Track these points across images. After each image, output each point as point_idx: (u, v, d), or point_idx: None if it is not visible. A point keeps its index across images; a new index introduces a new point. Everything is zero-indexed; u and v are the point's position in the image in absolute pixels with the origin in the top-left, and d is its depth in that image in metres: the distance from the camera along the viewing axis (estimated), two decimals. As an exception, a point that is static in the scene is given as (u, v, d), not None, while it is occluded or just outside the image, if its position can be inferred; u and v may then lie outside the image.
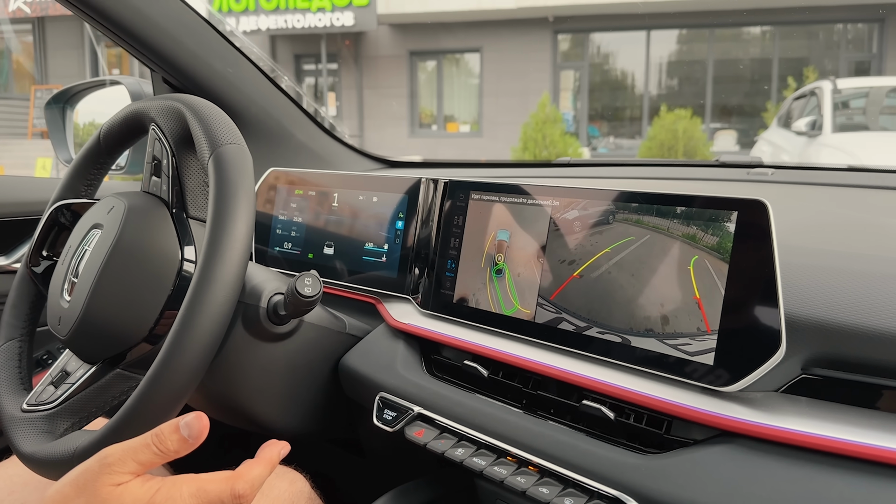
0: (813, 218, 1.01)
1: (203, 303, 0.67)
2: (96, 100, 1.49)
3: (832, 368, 0.66)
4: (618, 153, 13.32)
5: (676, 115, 10.17)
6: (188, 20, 1.23)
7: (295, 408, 0.98)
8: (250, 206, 0.72)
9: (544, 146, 9.96)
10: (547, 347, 0.82)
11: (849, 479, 0.58)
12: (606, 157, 12.09)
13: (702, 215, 0.70)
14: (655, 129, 10.27)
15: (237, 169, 0.74)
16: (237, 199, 0.72)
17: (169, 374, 0.67)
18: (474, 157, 11.46)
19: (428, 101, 14.71)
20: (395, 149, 13.83)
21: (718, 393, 0.67)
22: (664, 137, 9.93)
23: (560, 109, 11.75)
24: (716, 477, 0.62)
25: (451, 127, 14.54)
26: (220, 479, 0.60)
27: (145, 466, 0.59)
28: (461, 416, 0.83)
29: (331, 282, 1.09)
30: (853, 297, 0.66)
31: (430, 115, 14.75)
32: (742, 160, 1.43)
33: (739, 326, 0.66)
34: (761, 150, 6.82)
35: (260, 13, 13.62)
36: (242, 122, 1.39)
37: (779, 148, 6.20)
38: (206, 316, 0.67)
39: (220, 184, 0.72)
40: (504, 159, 2.12)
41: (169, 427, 0.60)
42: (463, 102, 14.61)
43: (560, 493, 0.70)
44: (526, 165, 1.63)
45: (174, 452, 0.60)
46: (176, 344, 0.67)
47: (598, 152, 13.32)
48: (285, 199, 1.18)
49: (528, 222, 0.86)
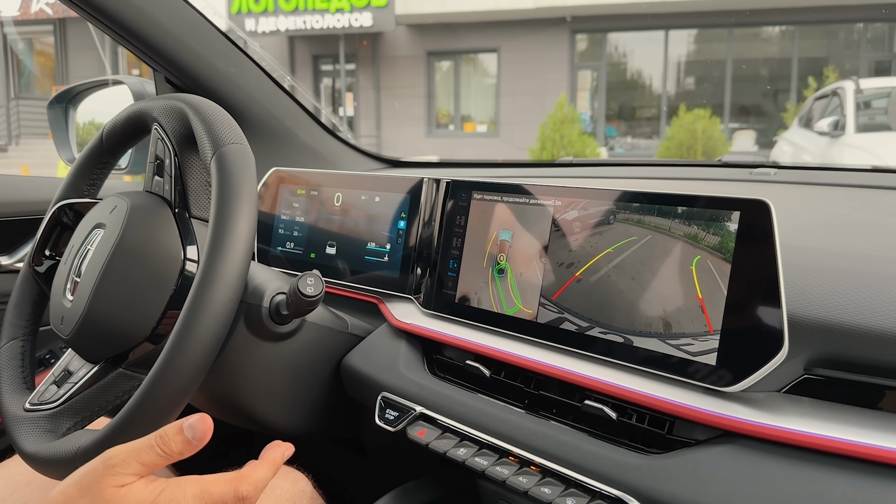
0: (815, 218, 1.01)
1: (205, 302, 0.67)
2: (99, 99, 1.50)
3: (834, 369, 0.66)
4: (635, 153, 13.27)
5: (695, 115, 10.08)
6: (191, 20, 1.23)
7: (297, 407, 0.98)
8: (252, 205, 0.72)
9: (562, 146, 9.93)
10: (549, 347, 0.82)
11: (851, 480, 0.58)
12: (618, 158, 12.03)
13: (704, 215, 0.70)
14: (674, 129, 10.20)
15: (239, 168, 0.74)
16: (239, 198, 0.72)
17: (171, 373, 0.67)
18: (491, 157, 11.44)
19: (445, 101, 14.70)
20: (411, 149, 13.89)
21: (721, 393, 0.67)
22: (683, 137, 9.85)
23: (577, 109, 11.70)
24: (718, 477, 0.62)
25: (467, 127, 14.53)
26: (224, 481, 0.60)
27: (149, 468, 0.59)
28: (463, 415, 0.83)
29: (333, 281, 1.09)
30: (856, 297, 0.66)
31: (446, 115, 14.75)
32: (744, 160, 1.43)
33: (742, 326, 0.66)
34: (782, 151, 6.80)
35: (279, 14, 13.68)
36: (245, 122, 1.39)
37: (800, 148, 6.17)
38: (208, 315, 0.67)
39: (222, 183, 0.72)
40: (506, 159, 2.12)
41: (173, 429, 0.60)
42: (480, 102, 14.60)
43: (562, 493, 0.70)
44: (528, 165, 1.63)
45: (178, 454, 0.60)
46: (178, 343, 0.67)
47: (616, 152, 13.27)
48: (288, 199, 1.18)
49: (531, 222, 0.86)
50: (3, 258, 1.28)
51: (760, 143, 12.15)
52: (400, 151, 14.41)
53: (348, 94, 14.85)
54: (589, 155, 9.65)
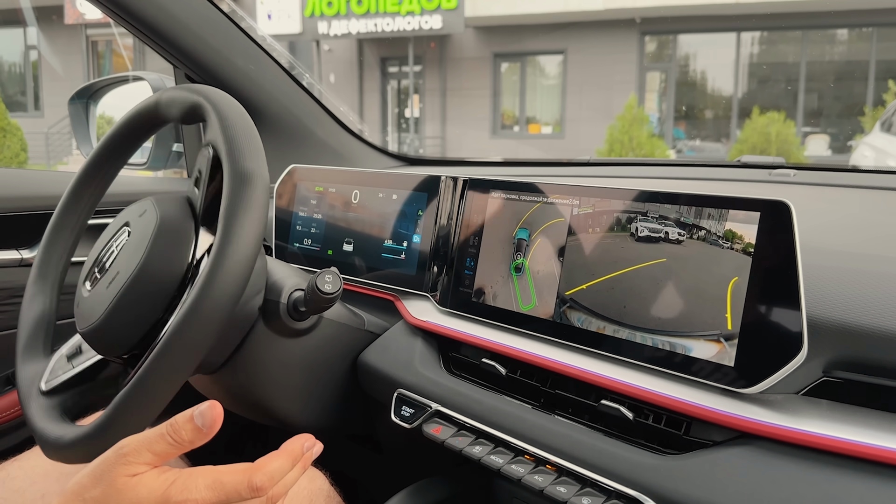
0: (836, 219, 1.00)
1: (215, 282, 0.67)
2: (119, 95, 1.51)
3: (854, 371, 0.65)
4: (703, 157, 13.03)
5: (769, 118, 9.81)
6: (212, 17, 1.24)
7: (313, 403, 0.99)
8: (263, 195, 0.71)
9: (630, 148, 9.73)
10: (566, 346, 0.82)
11: (870, 483, 0.58)
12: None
13: (723, 216, 0.70)
14: (747, 131, 9.94)
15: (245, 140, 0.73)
16: (251, 189, 0.71)
17: (173, 345, 0.66)
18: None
19: (510, 102, 14.64)
20: (475, 150, 13.92)
21: (739, 395, 0.67)
22: (756, 140, 9.60)
23: (645, 111, 11.52)
24: (735, 479, 0.62)
25: (532, 128, 14.47)
26: (238, 471, 0.60)
27: (161, 457, 0.59)
28: (479, 413, 0.83)
29: (350, 278, 1.10)
30: (876, 299, 0.65)
31: (511, 117, 14.68)
32: (764, 160, 1.42)
33: (761, 328, 0.65)
34: (863, 155, 6.62)
35: (350, 17, 13.79)
36: (264, 119, 1.40)
37: (883, 153, 6.00)
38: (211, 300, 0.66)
39: (229, 151, 0.72)
40: (524, 158, 2.10)
41: (183, 417, 0.60)
42: (545, 104, 14.51)
43: (577, 492, 0.70)
44: (546, 164, 1.62)
45: (189, 442, 0.60)
46: (187, 318, 0.66)
47: (685, 155, 13.06)
48: (305, 196, 1.19)
49: (548, 221, 0.86)
50: (24, 251, 1.29)
51: (834, 148, 11.84)
52: (463, 153, 14.39)
53: (415, 95, 14.91)
54: (658, 157, 9.46)
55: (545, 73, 14.48)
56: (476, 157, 1.72)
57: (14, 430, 1.29)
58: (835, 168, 1.43)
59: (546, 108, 14.52)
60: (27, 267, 1.29)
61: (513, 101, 14.62)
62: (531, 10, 12.98)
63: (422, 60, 14.67)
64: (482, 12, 13.42)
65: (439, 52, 14.48)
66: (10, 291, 1.27)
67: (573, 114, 13.68)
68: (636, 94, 11.70)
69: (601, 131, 10.44)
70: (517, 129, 14.58)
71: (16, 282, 1.28)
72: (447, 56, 14.52)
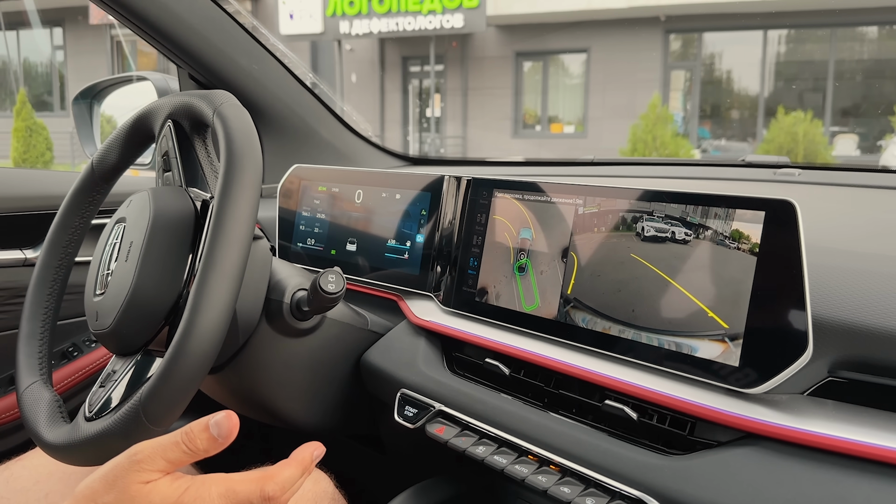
0: (841, 219, 1.00)
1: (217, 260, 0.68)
2: (123, 95, 1.51)
3: (859, 371, 0.65)
4: (728, 157, 12.82)
5: (795, 118, 9.60)
6: (215, 17, 1.24)
7: (317, 403, 0.99)
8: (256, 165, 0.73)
9: (654, 147, 9.58)
10: (569, 346, 0.81)
11: (875, 484, 0.57)
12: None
13: (728, 215, 0.70)
14: (773, 131, 9.76)
15: (240, 125, 0.74)
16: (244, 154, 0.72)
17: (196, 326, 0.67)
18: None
19: (532, 101, 14.54)
20: (496, 150, 13.81)
21: (743, 395, 0.66)
22: (783, 140, 9.41)
23: (670, 110, 11.36)
24: (740, 479, 0.62)
25: (554, 128, 14.37)
26: (251, 480, 0.60)
27: (174, 465, 0.59)
28: (482, 413, 0.83)
29: (353, 278, 1.10)
30: (882, 299, 0.65)
31: (533, 116, 14.58)
32: (768, 160, 1.42)
33: (766, 328, 0.65)
34: (893, 155, 6.61)
35: (372, 16, 13.74)
36: (267, 119, 1.40)
37: None
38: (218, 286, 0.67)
39: (228, 139, 0.73)
40: (528, 158, 2.11)
41: (199, 426, 0.60)
42: (567, 103, 14.39)
43: (581, 492, 0.70)
44: (550, 164, 1.62)
45: (203, 451, 0.60)
46: (196, 304, 0.67)
47: (710, 155, 12.86)
48: (309, 196, 1.19)
49: (552, 220, 0.86)
50: (28, 251, 1.30)
51: (863, 148, 11.62)
52: (484, 152, 14.21)
53: (436, 95, 14.85)
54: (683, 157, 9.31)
55: (568, 71, 14.37)
56: (489, 157, 1.72)
57: (17, 430, 1.29)
58: (840, 167, 1.42)
59: (568, 108, 14.42)
60: (31, 266, 1.29)
61: (535, 99, 14.51)
62: (553, 9, 12.88)
63: (443, 60, 14.59)
64: (504, 11, 13.34)
65: (461, 51, 14.42)
66: (14, 291, 1.27)
67: (596, 113, 13.54)
68: (660, 93, 11.57)
69: (624, 130, 10.31)
70: (539, 128, 14.50)
71: (20, 281, 1.28)
72: (469, 55, 14.44)
